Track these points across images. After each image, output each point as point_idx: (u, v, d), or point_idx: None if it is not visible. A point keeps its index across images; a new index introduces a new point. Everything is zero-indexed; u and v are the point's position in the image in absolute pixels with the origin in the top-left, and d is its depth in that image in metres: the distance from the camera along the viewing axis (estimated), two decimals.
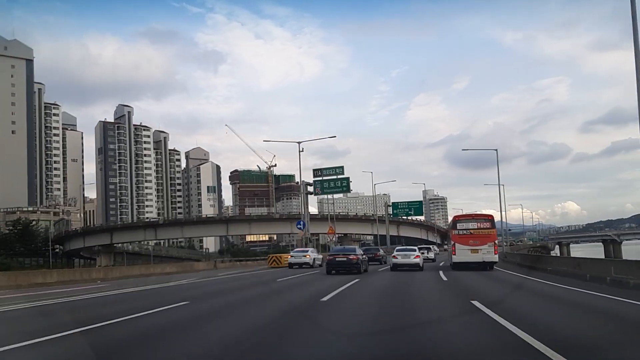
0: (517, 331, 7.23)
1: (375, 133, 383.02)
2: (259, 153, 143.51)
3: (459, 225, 25.37)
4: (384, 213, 64.01)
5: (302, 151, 45.07)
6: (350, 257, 23.74)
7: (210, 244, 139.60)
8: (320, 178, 50.08)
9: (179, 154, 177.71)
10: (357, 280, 19.17)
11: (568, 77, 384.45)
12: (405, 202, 61.65)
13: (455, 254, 25.00)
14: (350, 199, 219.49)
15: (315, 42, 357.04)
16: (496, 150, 48.02)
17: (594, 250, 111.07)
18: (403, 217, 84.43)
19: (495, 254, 24.62)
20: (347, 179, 49.74)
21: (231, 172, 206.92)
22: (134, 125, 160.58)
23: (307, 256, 33.40)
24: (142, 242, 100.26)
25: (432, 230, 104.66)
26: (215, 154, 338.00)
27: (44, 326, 8.80)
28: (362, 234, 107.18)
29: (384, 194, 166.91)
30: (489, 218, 25.81)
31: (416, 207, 60.75)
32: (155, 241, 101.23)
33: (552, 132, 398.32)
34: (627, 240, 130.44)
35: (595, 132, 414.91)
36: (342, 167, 49.88)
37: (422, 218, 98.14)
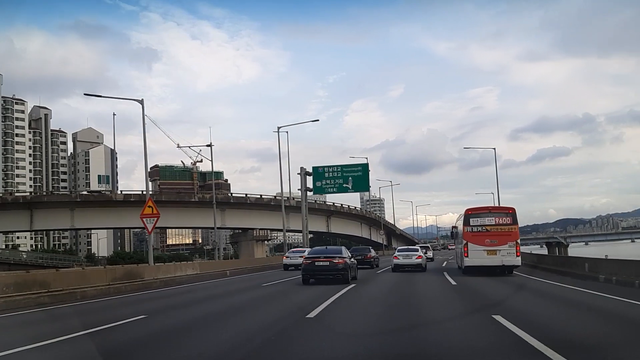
0: None
1: (313, 137, 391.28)
2: (184, 149, 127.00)
3: (472, 221, 21.71)
4: (299, 191, 43.97)
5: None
6: (335, 260, 17.97)
7: (103, 248, 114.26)
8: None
9: (64, 136, 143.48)
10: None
11: (497, 87, 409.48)
12: (337, 165, 42.69)
13: (467, 256, 21.56)
14: None
15: (253, 44, 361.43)
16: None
17: (541, 252, 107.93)
18: (337, 205, 69.39)
19: (517, 255, 21.14)
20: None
21: (151, 168, 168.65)
22: (3, 97, 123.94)
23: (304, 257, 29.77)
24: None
25: (377, 226, 79.66)
26: (150, 155, 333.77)
27: None
28: (271, 229, 77.05)
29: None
30: (510, 212, 21.71)
31: (357, 175, 42.08)
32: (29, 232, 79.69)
33: (483, 140, 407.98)
34: (572, 242, 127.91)
35: (523, 140, 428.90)
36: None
37: (359, 207, 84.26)
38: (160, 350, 7.03)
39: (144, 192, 41.92)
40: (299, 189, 44.50)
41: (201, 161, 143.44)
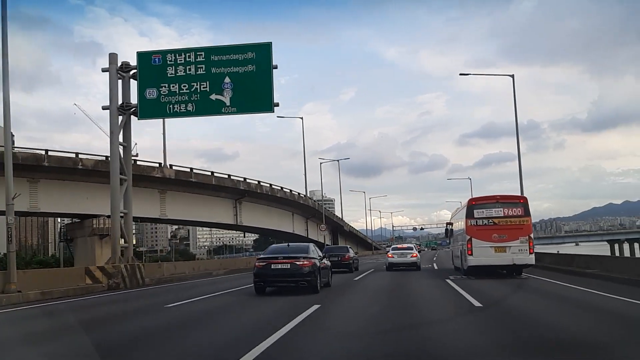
0: None
1: (265, 139, 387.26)
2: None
3: (477, 212, 18.36)
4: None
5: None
6: (300, 262, 13.58)
7: None
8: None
9: None
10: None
11: (446, 93, 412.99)
12: (199, 49, 19.60)
13: (471, 254, 18.11)
14: None
15: (204, 43, 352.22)
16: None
17: None
18: (251, 182, 41.83)
19: (531, 253, 17.68)
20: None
21: None
22: None
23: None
24: None
25: (318, 219, 56.58)
26: None
27: None
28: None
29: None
30: (521, 201, 18.49)
31: (246, 72, 19.26)
32: None
33: (432, 144, 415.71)
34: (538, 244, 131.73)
35: (470, 145, 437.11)
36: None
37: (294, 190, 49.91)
38: None
39: None
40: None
41: (136, 155, 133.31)
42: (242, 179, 41.30)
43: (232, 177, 40.19)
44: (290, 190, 49.47)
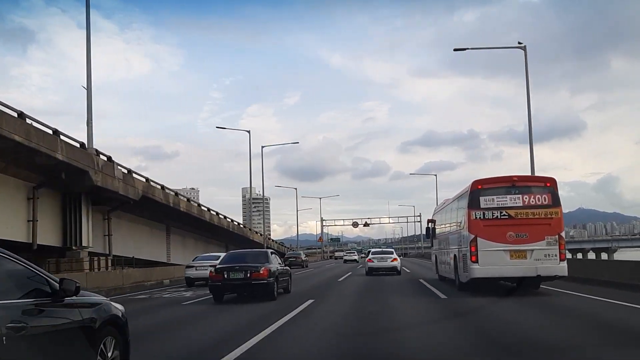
0: None
1: (206, 139, 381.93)
2: None
3: (484, 200, 12.83)
4: None
5: None
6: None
7: None
8: None
9: None
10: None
11: (389, 101, 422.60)
12: None
13: (475, 261, 12.57)
14: None
15: (146, 39, 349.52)
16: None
17: None
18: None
19: (562, 259, 12.31)
20: None
21: None
22: None
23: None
24: None
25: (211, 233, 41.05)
26: None
27: None
28: None
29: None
30: (548, 184, 12.94)
31: None
32: None
33: (375, 151, 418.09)
34: None
35: (411, 153, 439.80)
36: None
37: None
38: None
39: None
40: None
41: None
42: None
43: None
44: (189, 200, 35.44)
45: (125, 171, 25.28)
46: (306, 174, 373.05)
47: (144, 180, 27.56)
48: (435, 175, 64.92)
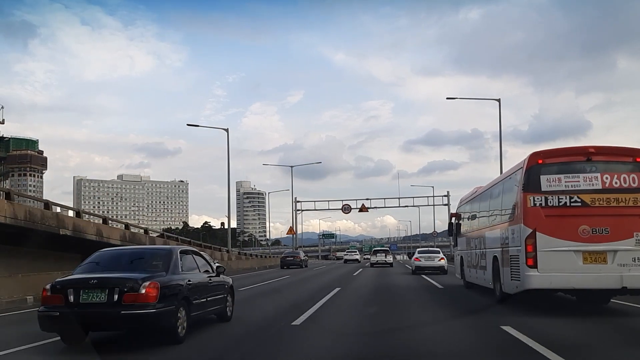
0: None
1: (208, 137, 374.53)
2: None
3: (547, 180, 9.29)
4: None
5: None
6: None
7: None
8: None
9: None
10: None
11: (392, 99, 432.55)
12: None
13: (533, 264, 9.03)
14: None
15: (149, 36, 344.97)
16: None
17: None
18: None
19: None
20: None
21: None
22: None
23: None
24: None
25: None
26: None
27: None
28: None
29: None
30: (638, 160, 9.28)
31: None
32: None
33: (378, 150, 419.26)
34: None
35: (415, 152, 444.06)
36: None
37: None
38: None
39: None
40: None
41: (2, 122, 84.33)
42: None
43: None
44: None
45: None
46: (308, 172, 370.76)
47: None
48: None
